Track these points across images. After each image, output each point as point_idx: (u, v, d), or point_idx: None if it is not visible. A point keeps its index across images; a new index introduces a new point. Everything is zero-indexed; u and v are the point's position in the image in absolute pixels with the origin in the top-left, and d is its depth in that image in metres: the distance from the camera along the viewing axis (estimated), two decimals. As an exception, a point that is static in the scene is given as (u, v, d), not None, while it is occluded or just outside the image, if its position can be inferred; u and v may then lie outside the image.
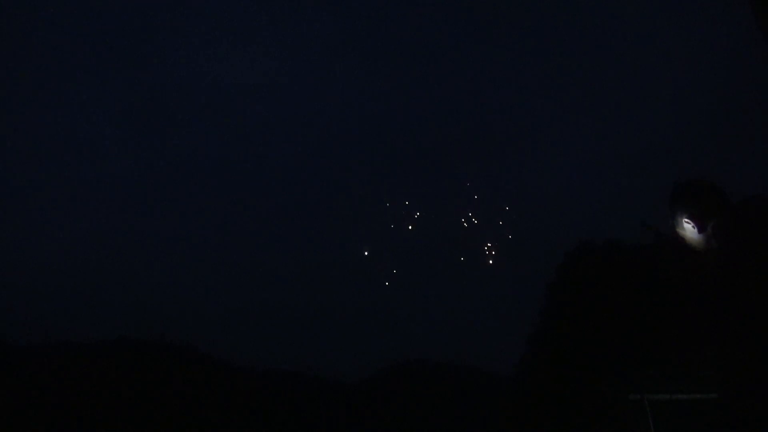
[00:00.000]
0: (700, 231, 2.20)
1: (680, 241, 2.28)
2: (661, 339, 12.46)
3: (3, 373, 24.04)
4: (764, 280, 1.95)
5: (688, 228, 2.24)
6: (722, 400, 2.06)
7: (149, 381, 26.53)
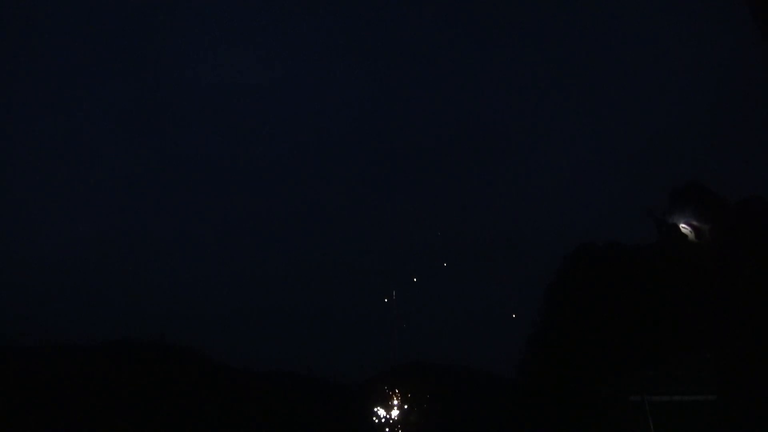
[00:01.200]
0: (697, 236, 2.24)
1: (680, 236, 2.32)
2: (661, 340, 12.47)
3: (3, 373, 24.03)
4: (762, 282, 1.98)
5: (686, 233, 2.28)
6: (721, 401, 2.09)
7: (149, 382, 26.51)
